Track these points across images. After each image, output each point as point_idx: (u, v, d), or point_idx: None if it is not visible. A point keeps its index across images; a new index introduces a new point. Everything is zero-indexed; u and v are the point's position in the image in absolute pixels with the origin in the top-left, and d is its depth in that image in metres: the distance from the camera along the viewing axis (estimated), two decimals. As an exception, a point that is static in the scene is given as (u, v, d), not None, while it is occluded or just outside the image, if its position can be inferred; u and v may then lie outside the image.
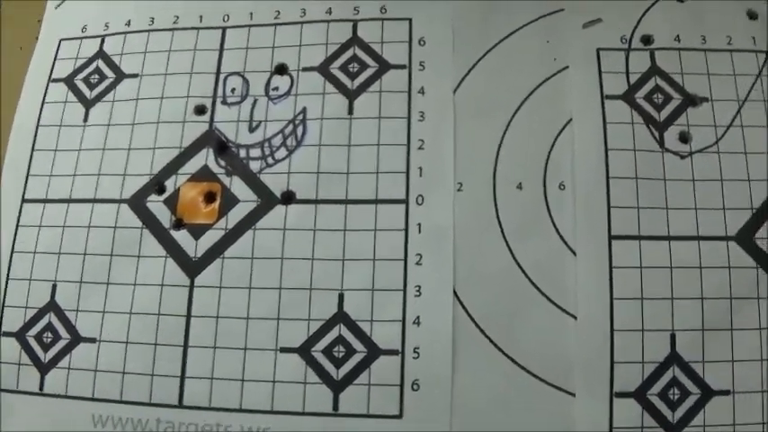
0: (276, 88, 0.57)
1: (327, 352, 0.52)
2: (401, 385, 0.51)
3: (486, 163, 0.56)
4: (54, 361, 0.53)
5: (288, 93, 0.56)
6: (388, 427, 0.50)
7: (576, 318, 0.53)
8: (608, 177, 0.55)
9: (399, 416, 0.50)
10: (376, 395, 0.51)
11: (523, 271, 0.53)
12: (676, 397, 0.52)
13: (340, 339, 0.52)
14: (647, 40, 0.59)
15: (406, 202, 0.54)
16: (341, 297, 0.52)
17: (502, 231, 0.54)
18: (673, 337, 0.53)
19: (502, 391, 0.51)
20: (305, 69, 0.57)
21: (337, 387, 0.51)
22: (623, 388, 0.52)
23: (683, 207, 0.55)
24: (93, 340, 0.53)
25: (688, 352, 0.53)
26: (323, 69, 0.57)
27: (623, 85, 0.58)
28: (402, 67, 0.57)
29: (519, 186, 0.55)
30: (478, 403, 0.51)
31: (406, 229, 0.53)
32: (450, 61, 0.57)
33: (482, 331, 0.52)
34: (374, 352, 0.52)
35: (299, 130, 0.55)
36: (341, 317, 0.52)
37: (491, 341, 0.52)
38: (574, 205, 0.54)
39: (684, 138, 0.57)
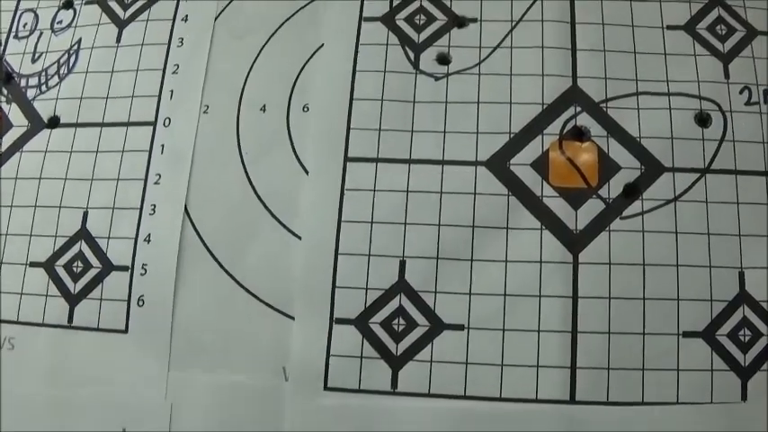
0: (60, 21, 0.52)
1: (68, 267, 0.46)
2: (128, 301, 0.45)
3: (234, 86, 0.47)
4: None
5: (69, 25, 0.52)
6: (114, 341, 0.44)
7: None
8: (352, 99, 0.46)
9: (125, 331, 0.44)
10: (106, 310, 0.45)
11: (256, 192, 0.45)
12: (401, 327, 0.42)
13: (80, 255, 0.46)
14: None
15: (154, 124, 0.47)
16: (85, 215, 0.47)
17: (240, 153, 0.46)
18: (402, 264, 0.43)
19: (223, 310, 0.44)
20: (87, 3, 0.52)
21: (73, 300, 0.46)
22: (344, 314, 0.43)
23: (430, 130, 0.45)
24: None
25: (419, 281, 0.43)
26: (102, 2, 0.52)
27: (385, 7, 0.48)
28: (172, -4, 0.49)
29: (263, 109, 0.46)
30: (199, 322, 0.44)
31: (150, 150, 0.47)
32: (217, -12, 0.48)
33: (209, 251, 0.45)
34: (108, 267, 0.45)
35: (72, 60, 0.50)
36: (83, 234, 0.46)
37: (216, 261, 0.44)
38: (314, 127, 0.46)
39: (444, 59, 0.46)
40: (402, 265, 0.43)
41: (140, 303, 0.44)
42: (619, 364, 0.42)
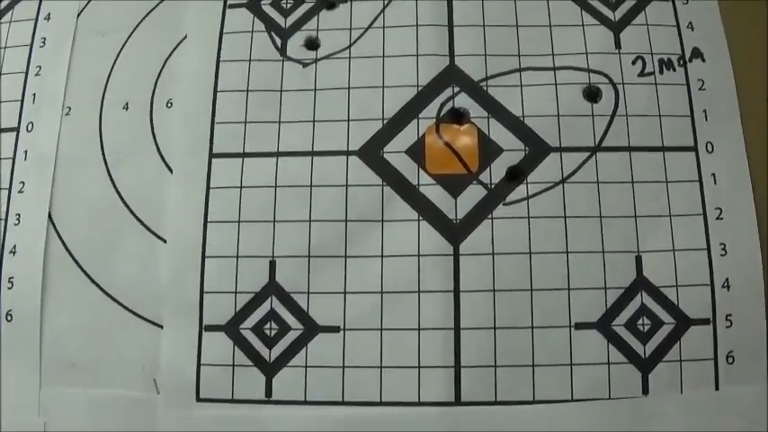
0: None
1: (-64, 283, 0.38)
2: (-3, 317, 0.37)
3: (96, 85, 0.41)
4: None
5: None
6: (-18, 360, 0.36)
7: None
8: (216, 91, 0.39)
9: (-5, 348, 0.36)
10: (-23, 329, 0.37)
11: (120, 195, 0.39)
12: (274, 332, 0.36)
13: (-52, 270, 0.38)
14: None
15: (17, 129, 0.41)
16: (-48, 228, 0.38)
17: (103, 155, 0.40)
18: (272, 265, 0.37)
19: (93, 322, 0.38)
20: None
21: (-55, 319, 0.37)
22: (213, 321, 0.37)
23: (298, 120, 0.38)
24: None
25: (290, 282, 0.37)
26: (-31, 6, 0.43)
27: None
28: (36, -4, 0.42)
29: (125, 107, 0.40)
30: (69, 335, 0.38)
31: (14, 158, 0.41)
32: (80, -16, 0.41)
33: (75, 260, 0.39)
34: (-25, 283, 0.37)
35: (-60, 66, 0.42)
36: (-51, 248, 0.38)
37: (83, 270, 0.39)
38: (177, 123, 0.39)
39: (312, 44, 0.39)
40: (272, 265, 0.37)
41: (9, 318, 0.39)
42: (506, 361, 0.36)
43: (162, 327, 0.37)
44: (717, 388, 0.36)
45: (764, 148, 0.38)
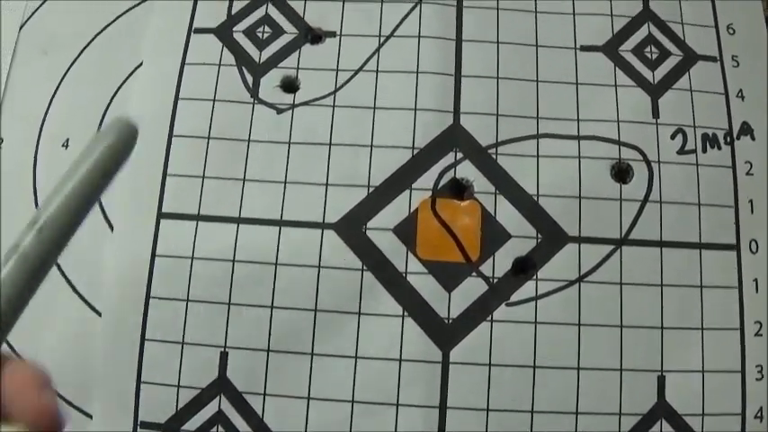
0: None
1: None
2: None
3: (35, 114, 0.30)
4: None
5: None
6: None
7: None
8: (171, 135, 0.28)
9: None
10: None
11: None
12: None
13: None
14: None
15: None
16: None
17: (36, 198, 0.29)
18: (224, 357, 0.26)
19: None
20: None
21: None
22: (151, 417, 0.26)
23: (267, 180, 0.27)
24: None
25: (244, 380, 0.26)
26: None
27: (222, 15, 0.29)
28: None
29: (65, 144, 0.29)
30: None
31: None
32: (26, -9, 0.30)
33: None
34: None
35: None
36: None
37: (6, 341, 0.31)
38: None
39: (290, 85, 0.28)
40: (223, 357, 0.26)
41: None
42: (497, 495, 0.24)
43: (91, 417, 0.26)
44: None
45: (817, 250, 0.27)
